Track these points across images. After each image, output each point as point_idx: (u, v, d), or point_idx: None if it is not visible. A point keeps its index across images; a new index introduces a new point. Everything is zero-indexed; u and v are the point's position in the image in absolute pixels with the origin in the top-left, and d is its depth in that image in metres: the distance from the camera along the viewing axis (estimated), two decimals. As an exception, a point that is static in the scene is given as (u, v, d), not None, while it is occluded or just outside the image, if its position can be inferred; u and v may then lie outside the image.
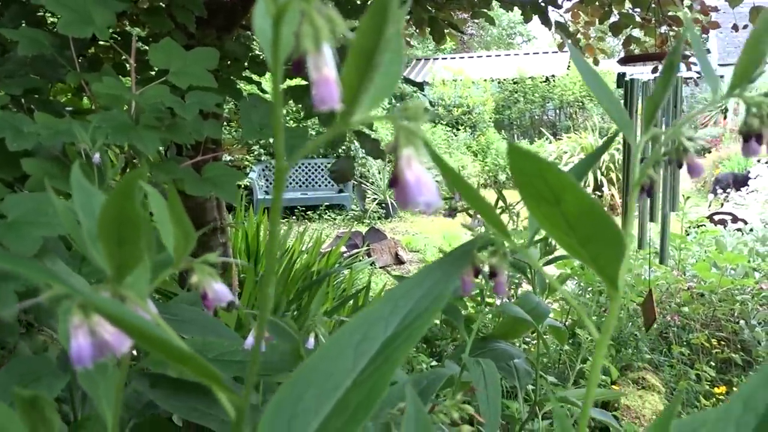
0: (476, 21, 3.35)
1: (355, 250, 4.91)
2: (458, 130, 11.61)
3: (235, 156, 6.85)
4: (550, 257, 1.29)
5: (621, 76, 2.51)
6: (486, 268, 0.46)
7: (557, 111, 13.62)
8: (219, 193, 1.17)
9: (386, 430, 0.54)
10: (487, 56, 15.43)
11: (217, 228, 2.46)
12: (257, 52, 1.98)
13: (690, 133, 0.37)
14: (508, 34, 23.03)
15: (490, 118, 12.44)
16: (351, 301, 2.55)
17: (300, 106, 1.72)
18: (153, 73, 1.39)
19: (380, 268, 5.43)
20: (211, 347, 0.83)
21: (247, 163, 7.71)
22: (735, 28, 3.21)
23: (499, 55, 15.38)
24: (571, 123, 12.85)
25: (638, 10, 2.88)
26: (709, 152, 11.71)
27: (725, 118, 15.84)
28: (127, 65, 1.32)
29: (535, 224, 0.36)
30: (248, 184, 7.40)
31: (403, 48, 0.26)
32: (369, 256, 5.43)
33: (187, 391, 0.77)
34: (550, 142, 10.80)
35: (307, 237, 3.70)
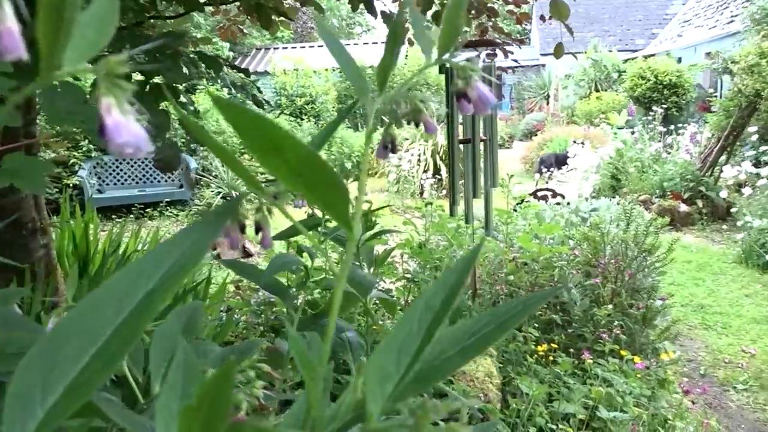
0: (307, 13, 3.39)
1: (199, 245, 4.76)
2: (302, 120, 11.61)
3: (60, 152, 6.32)
4: (372, 232, 1.36)
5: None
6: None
7: (398, 99, 14.06)
8: (21, 185, 1.11)
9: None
10: (328, 46, 15.54)
11: (36, 229, 2.29)
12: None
13: (422, 96, 0.43)
14: (347, 24, 23.32)
15: (334, 107, 12.57)
16: (190, 294, 2.50)
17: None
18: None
19: (224, 262, 5.32)
20: (13, 341, 0.80)
21: (75, 159, 7.12)
22: (542, 19, 3.52)
23: (340, 45, 15.54)
24: (411, 110, 13.34)
25: None
26: (536, 135, 12.74)
27: (548, 103, 17.24)
28: None
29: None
30: (78, 182, 6.88)
31: (116, 10, 0.28)
32: (215, 249, 5.29)
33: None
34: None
35: (144, 234, 3.55)
